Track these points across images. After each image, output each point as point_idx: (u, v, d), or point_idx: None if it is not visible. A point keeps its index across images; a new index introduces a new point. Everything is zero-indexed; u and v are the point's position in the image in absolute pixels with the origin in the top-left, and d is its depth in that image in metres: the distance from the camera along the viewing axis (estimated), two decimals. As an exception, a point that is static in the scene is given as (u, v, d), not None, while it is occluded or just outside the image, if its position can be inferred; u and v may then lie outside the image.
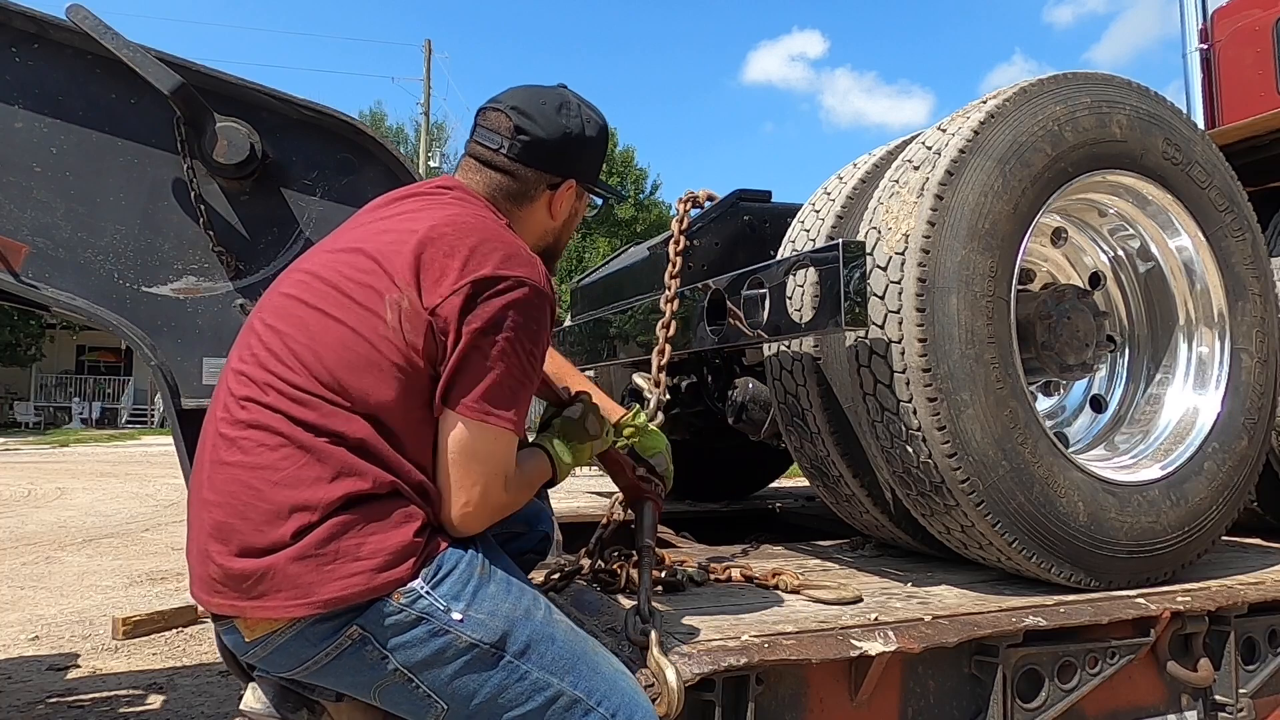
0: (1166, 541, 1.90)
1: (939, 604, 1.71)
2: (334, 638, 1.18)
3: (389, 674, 1.20)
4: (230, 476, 1.21)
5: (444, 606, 1.19)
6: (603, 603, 1.75)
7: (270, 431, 1.20)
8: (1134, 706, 1.78)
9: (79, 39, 1.78)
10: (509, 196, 1.44)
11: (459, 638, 1.19)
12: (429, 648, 1.19)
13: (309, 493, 1.17)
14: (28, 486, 10.78)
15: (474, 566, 1.24)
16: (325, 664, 1.21)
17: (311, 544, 1.16)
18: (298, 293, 1.30)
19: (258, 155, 1.83)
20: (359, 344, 1.22)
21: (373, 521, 1.19)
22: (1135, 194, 2.09)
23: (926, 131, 1.99)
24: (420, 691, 1.20)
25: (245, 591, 1.17)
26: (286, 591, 1.16)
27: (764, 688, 1.43)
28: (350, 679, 1.24)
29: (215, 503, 1.21)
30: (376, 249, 1.28)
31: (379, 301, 1.23)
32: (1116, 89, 1.97)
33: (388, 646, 1.19)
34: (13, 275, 1.77)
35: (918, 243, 1.72)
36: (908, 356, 1.70)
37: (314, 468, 1.18)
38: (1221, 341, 2.10)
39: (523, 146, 1.42)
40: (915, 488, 1.81)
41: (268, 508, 1.18)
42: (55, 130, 1.81)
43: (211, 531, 1.21)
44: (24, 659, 3.81)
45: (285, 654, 1.22)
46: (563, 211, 1.51)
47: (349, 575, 1.16)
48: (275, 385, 1.23)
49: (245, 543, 1.18)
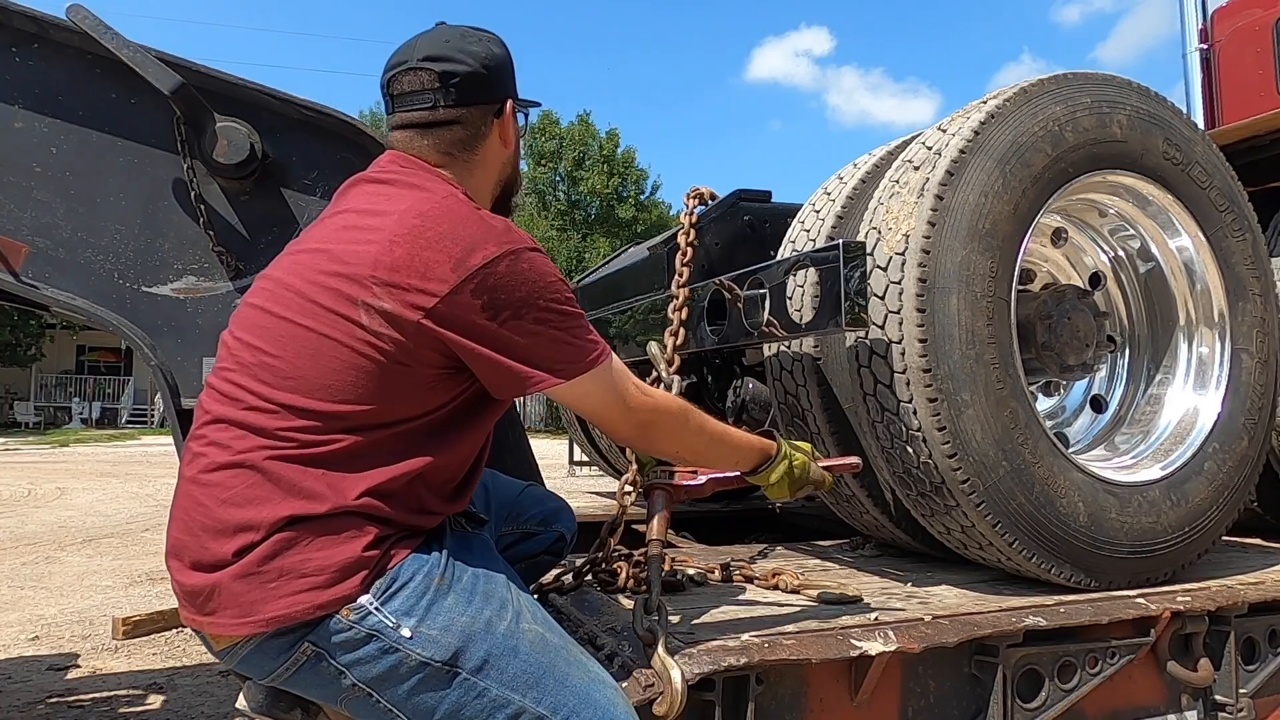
0: (1167, 542, 1.90)
1: (939, 604, 1.71)
2: (289, 653, 1.17)
3: (347, 689, 1.18)
4: (186, 492, 1.21)
5: (393, 623, 1.16)
6: (603, 603, 1.75)
7: (227, 450, 1.19)
8: (1134, 706, 1.78)
9: (79, 39, 1.78)
10: (463, 147, 1.37)
11: (409, 655, 1.16)
12: (381, 665, 1.16)
13: (254, 512, 1.15)
14: (28, 486, 10.79)
15: (431, 578, 1.20)
16: (288, 676, 1.20)
17: (254, 561, 1.14)
18: (263, 302, 1.27)
19: (258, 155, 1.83)
20: (330, 348, 1.19)
21: (320, 537, 1.16)
22: (1135, 194, 2.09)
23: (927, 131, 1.99)
24: (381, 706, 1.18)
25: (199, 608, 1.17)
26: (231, 610, 1.15)
27: (764, 687, 1.43)
28: (315, 691, 1.23)
29: (176, 519, 1.22)
30: (341, 250, 1.23)
31: (350, 306, 1.19)
32: (1117, 89, 1.97)
33: (341, 663, 1.17)
34: (13, 275, 1.76)
35: (918, 243, 1.72)
36: (908, 357, 1.70)
37: (263, 487, 1.16)
38: (1222, 342, 2.10)
39: (458, 90, 1.34)
40: (915, 488, 1.81)
41: (213, 525, 1.17)
42: (55, 130, 1.81)
43: (170, 547, 1.22)
44: (24, 659, 3.81)
45: (250, 666, 1.22)
46: (512, 135, 1.45)
47: (293, 593, 1.14)
48: (241, 399, 1.21)
49: (194, 558, 1.18)
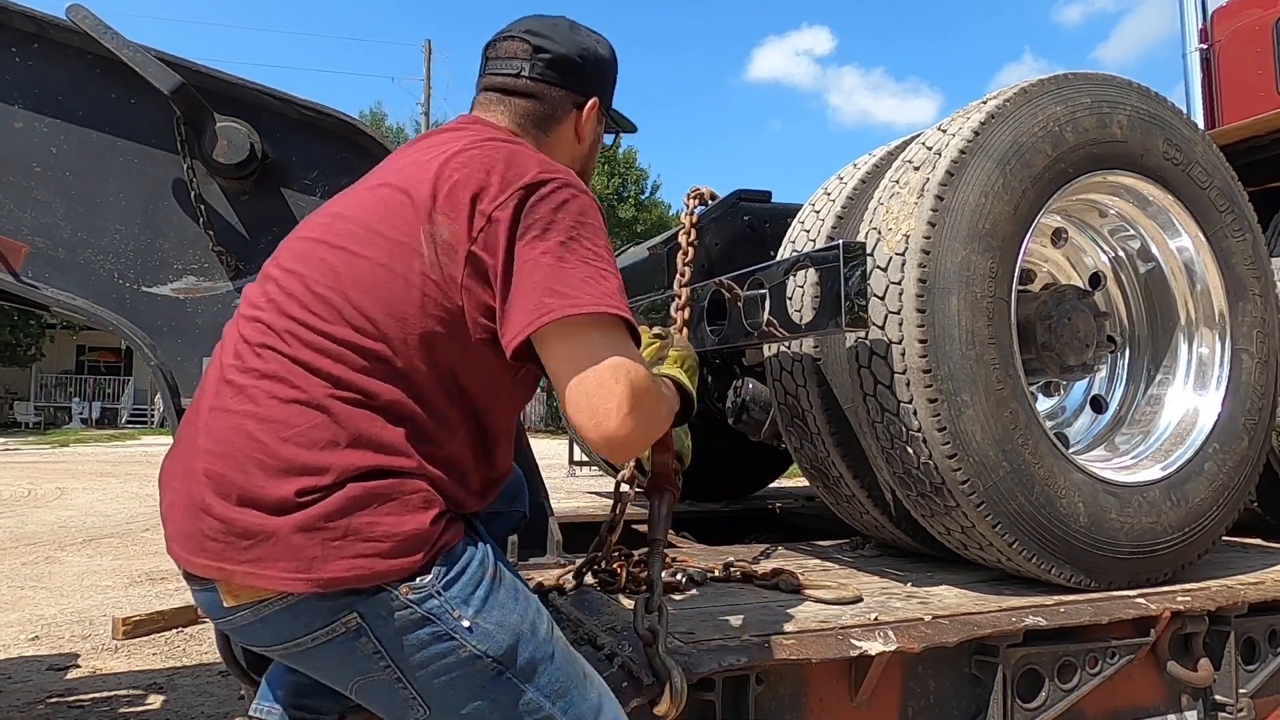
0: (1167, 542, 1.90)
1: (939, 604, 1.71)
2: (327, 622, 1.09)
3: (378, 670, 1.11)
4: (234, 425, 1.10)
5: (454, 611, 1.10)
6: (603, 602, 1.75)
7: (287, 384, 1.10)
8: (1134, 706, 1.78)
9: (79, 39, 1.78)
10: (536, 122, 1.36)
11: (464, 646, 1.10)
12: (429, 651, 1.10)
13: (321, 456, 1.07)
14: (28, 486, 10.79)
15: (486, 568, 1.16)
16: (310, 648, 1.11)
17: (320, 514, 1.06)
18: (319, 235, 1.20)
19: (258, 155, 1.83)
20: (394, 282, 1.12)
21: (390, 501, 1.08)
22: (1136, 194, 2.08)
23: (927, 132, 1.99)
24: (407, 694, 1.12)
25: (241, 551, 1.06)
26: (286, 562, 1.05)
27: (764, 687, 1.43)
28: (333, 668, 1.14)
29: (214, 452, 1.10)
30: (402, 181, 1.18)
31: (414, 234, 1.13)
32: (1117, 89, 1.97)
33: (385, 643, 1.09)
34: (13, 275, 1.77)
35: (918, 243, 1.72)
36: (908, 357, 1.70)
37: (329, 429, 1.08)
38: (1222, 342, 2.10)
39: (545, 64, 1.35)
40: (915, 488, 1.81)
41: (272, 462, 1.07)
42: (55, 130, 1.81)
43: (209, 483, 1.09)
44: (24, 659, 3.81)
45: (268, 628, 1.11)
46: (589, 134, 1.43)
47: (357, 556, 1.06)
48: (297, 333, 1.12)
49: (246, 495, 1.07)
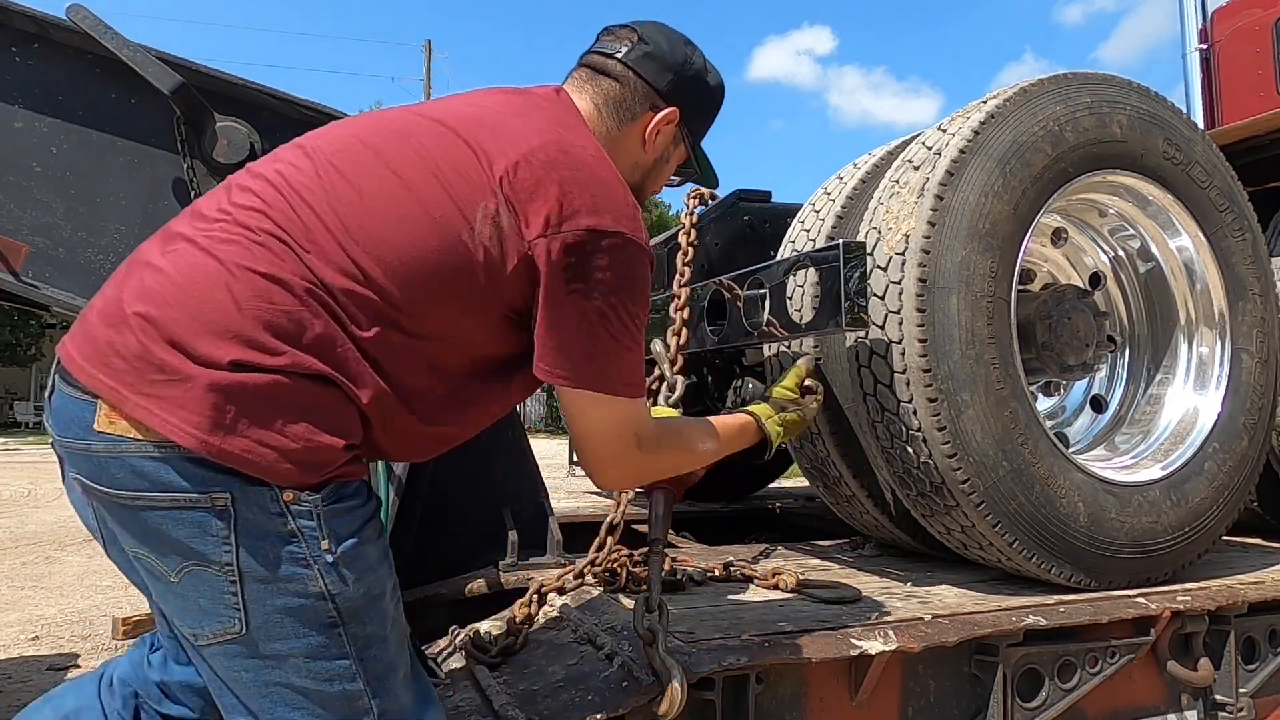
0: (1167, 542, 1.90)
1: (939, 603, 1.71)
2: (196, 489, 1.01)
3: (216, 562, 1.02)
4: (199, 263, 1.04)
5: (324, 541, 1.05)
6: (603, 602, 1.75)
7: (274, 256, 1.04)
8: (1134, 706, 1.78)
9: (79, 39, 1.78)
10: (613, 109, 1.34)
11: (315, 579, 1.04)
12: (280, 570, 1.03)
13: (271, 341, 1.01)
14: (28, 486, 10.78)
15: (369, 518, 1.11)
16: (155, 508, 1.02)
17: (245, 385, 1.00)
18: (377, 142, 1.14)
19: (258, 155, 1.83)
20: (429, 232, 1.08)
21: (318, 413, 1.04)
22: (1135, 194, 2.08)
23: (927, 132, 1.99)
24: (231, 600, 1.03)
25: (147, 384, 1.00)
26: (189, 413, 0.99)
27: (764, 687, 1.43)
28: (166, 539, 1.03)
29: (169, 277, 1.03)
30: (481, 143, 1.14)
31: (471, 202, 1.09)
32: (1117, 89, 1.97)
33: (241, 538, 1.02)
34: (13, 275, 1.77)
35: (918, 243, 1.72)
36: (908, 357, 1.70)
37: (296, 323, 1.03)
38: (1222, 341, 2.10)
39: (640, 54, 1.34)
40: (915, 488, 1.81)
41: (223, 319, 1.01)
42: (55, 130, 1.81)
43: (149, 299, 1.02)
44: (24, 659, 3.81)
45: (124, 469, 1.02)
46: (656, 146, 1.38)
47: (260, 443, 1.01)
48: (306, 221, 1.06)
49: (179, 335, 1.00)
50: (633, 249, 1.15)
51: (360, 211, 1.08)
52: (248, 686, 1.06)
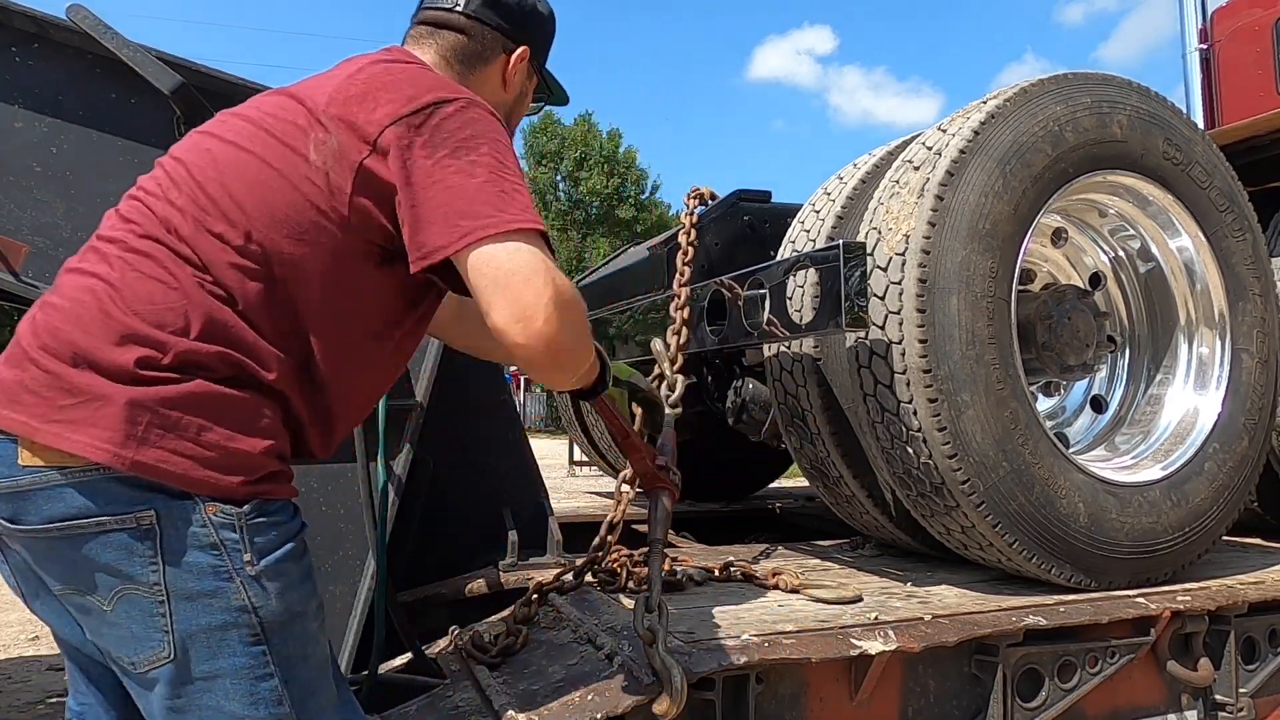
0: (1167, 542, 1.90)
1: (939, 603, 1.71)
2: (121, 510, 1.01)
3: (144, 584, 1.02)
4: (85, 285, 1.06)
5: (246, 554, 1.05)
6: (603, 602, 1.75)
7: (152, 261, 1.06)
8: (1134, 706, 1.78)
9: (79, 39, 1.78)
10: (463, 59, 1.36)
11: (237, 592, 1.04)
12: (201, 584, 1.03)
13: (168, 337, 1.03)
14: (28, 486, 10.76)
15: (293, 536, 1.11)
16: (83, 534, 1.01)
17: (157, 397, 1.01)
18: (211, 129, 1.18)
19: (258, 155, 1.84)
20: (275, 181, 1.10)
21: (232, 414, 1.05)
22: (1136, 194, 2.09)
23: (927, 132, 1.99)
24: (160, 623, 1.03)
25: (56, 410, 1.00)
26: (102, 430, 0.99)
27: (764, 687, 1.43)
28: (95, 566, 1.03)
29: (58, 307, 1.05)
30: (301, 91, 1.18)
31: (301, 138, 1.11)
32: (1117, 89, 1.97)
33: (166, 555, 1.02)
34: (13, 275, 1.77)
35: (918, 243, 1.72)
36: (908, 357, 1.70)
37: (183, 315, 1.04)
38: (1222, 342, 2.10)
39: (479, 3, 1.37)
40: (915, 489, 1.82)
41: (116, 327, 1.02)
42: (55, 130, 1.81)
43: (44, 332, 1.04)
44: (24, 659, 3.81)
45: (51, 500, 1.01)
46: (515, 84, 1.44)
47: (174, 452, 1.01)
48: (169, 217, 1.09)
49: (83, 354, 1.02)
50: (478, 107, 1.15)
51: (216, 189, 1.11)
52: (184, 712, 1.06)
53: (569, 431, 4.25)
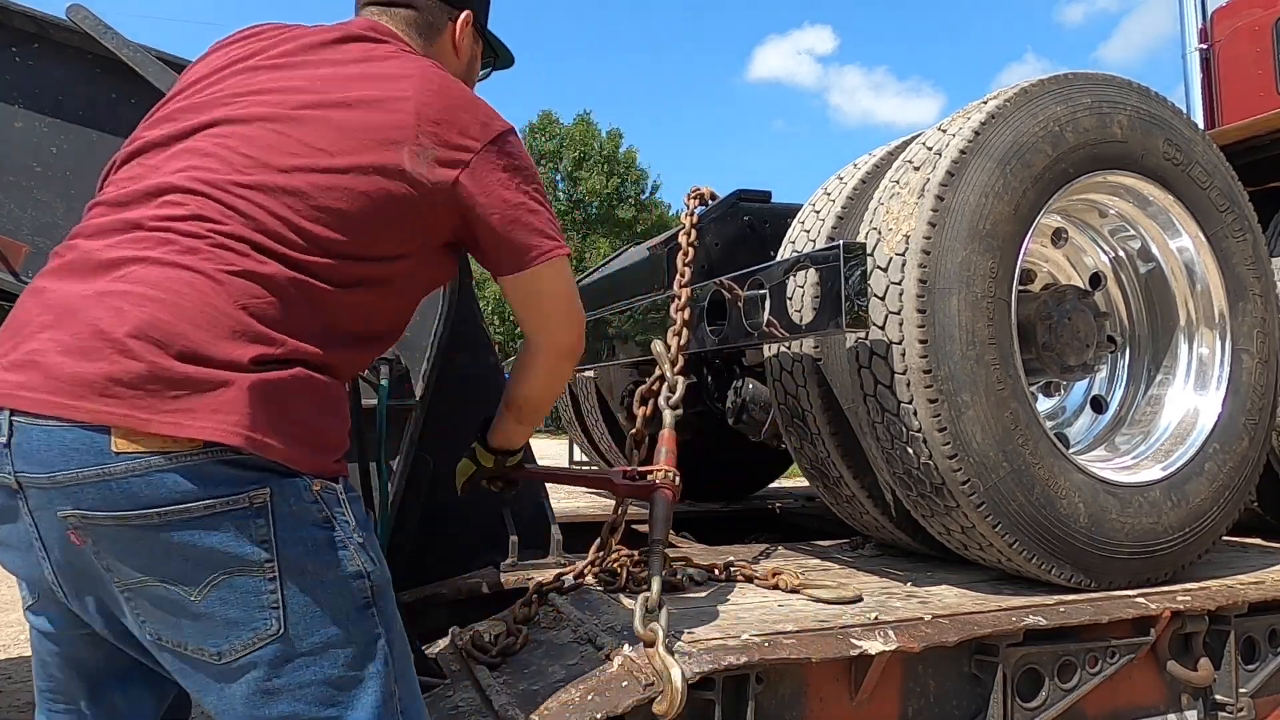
0: (1167, 542, 1.90)
1: (939, 603, 1.71)
2: (233, 491, 1.00)
3: (255, 563, 1.01)
4: (177, 277, 1.03)
5: (351, 524, 1.10)
6: (603, 601, 1.75)
7: (248, 258, 1.07)
8: (1134, 706, 1.78)
9: (79, 39, 1.78)
10: (421, 32, 1.41)
11: (353, 559, 1.08)
12: (319, 558, 1.06)
13: (274, 333, 1.05)
14: (28, 486, 10.76)
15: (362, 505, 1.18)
16: (187, 519, 0.99)
17: (275, 383, 1.03)
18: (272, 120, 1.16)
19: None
20: (368, 183, 1.14)
21: (325, 398, 1.11)
22: (1136, 194, 2.09)
23: (927, 132, 1.99)
24: (269, 599, 1.02)
25: (169, 400, 0.98)
26: (230, 414, 0.99)
27: (764, 686, 1.43)
28: (193, 554, 1.00)
29: (152, 297, 1.01)
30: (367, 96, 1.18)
31: (393, 148, 1.15)
32: (1117, 89, 1.97)
33: (279, 531, 1.02)
34: (13, 275, 1.77)
35: (918, 244, 1.72)
36: (908, 358, 1.70)
37: (282, 309, 1.07)
38: (1222, 342, 2.10)
39: None
40: (916, 489, 1.82)
41: (227, 322, 1.02)
42: (55, 130, 1.81)
43: (141, 323, 0.99)
44: (24, 659, 3.81)
45: (148, 486, 0.98)
46: (465, 49, 1.48)
47: (293, 436, 1.05)
48: (256, 217, 1.09)
49: (191, 347, 1.00)
50: (516, 137, 1.29)
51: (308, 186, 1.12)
52: (277, 694, 1.04)
53: (569, 431, 4.25)
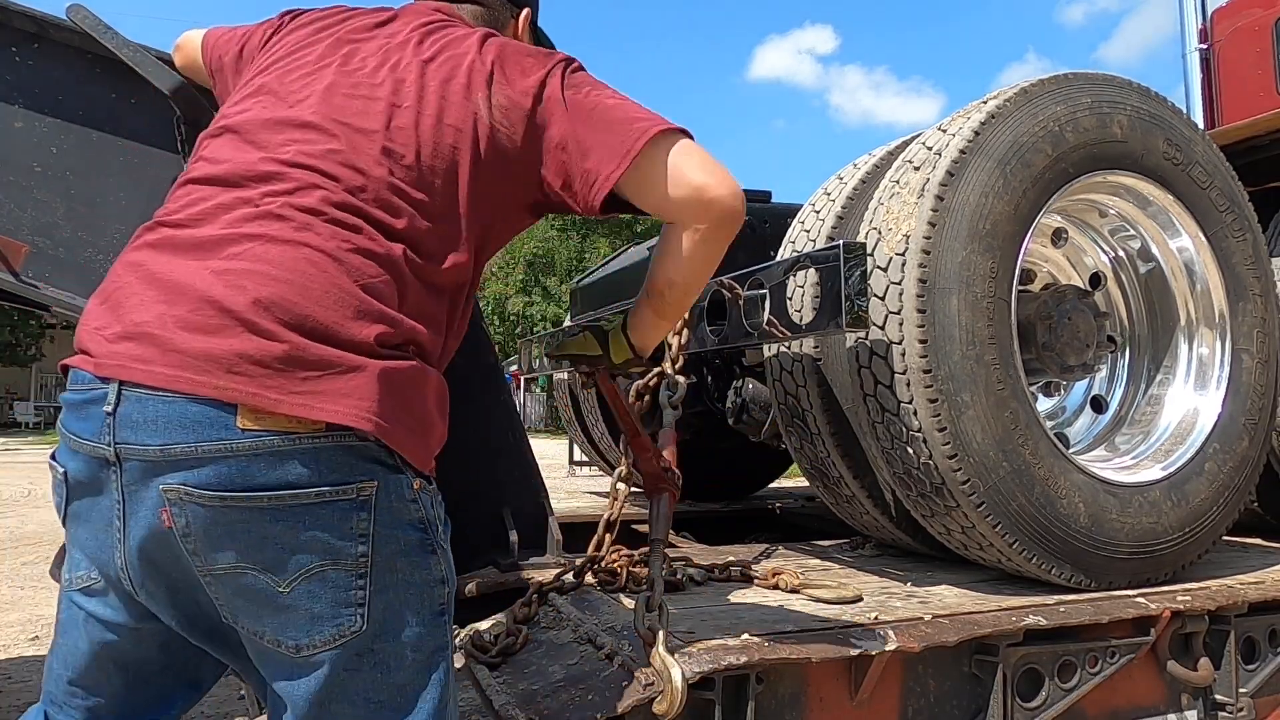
0: (1167, 542, 1.90)
1: (939, 603, 1.71)
2: (344, 480, 0.98)
3: (348, 557, 0.99)
4: (301, 256, 1.01)
5: (439, 528, 1.09)
6: (603, 601, 1.75)
7: (363, 236, 1.06)
8: (1134, 706, 1.78)
9: (79, 39, 1.78)
10: (485, 25, 1.41)
11: (439, 564, 1.07)
12: (411, 556, 1.04)
13: (395, 313, 1.04)
14: (28, 487, 10.78)
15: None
16: (297, 505, 0.97)
17: (400, 372, 1.02)
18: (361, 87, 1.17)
19: (258, 155, 1.83)
20: (454, 136, 1.14)
21: (432, 389, 1.09)
22: (1136, 194, 2.09)
23: (927, 132, 1.99)
24: (357, 596, 1.00)
25: (300, 382, 0.96)
26: (354, 399, 0.98)
27: (764, 687, 1.43)
28: (292, 542, 0.97)
29: (276, 277, 0.99)
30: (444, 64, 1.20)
31: (467, 101, 1.16)
32: (1117, 89, 1.97)
33: (378, 526, 1.00)
34: (13, 275, 1.77)
35: (918, 243, 1.72)
36: (908, 357, 1.70)
37: (402, 292, 1.06)
38: (1222, 342, 2.10)
39: None
40: (916, 489, 1.82)
41: (352, 302, 1.01)
42: (55, 130, 1.81)
43: (268, 302, 0.97)
44: (24, 659, 3.81)
45: (267, 466, 0.96)
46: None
47: (411, 428, 1.03)
48: (367, 188, 1.08)
49: (320, 327, 0.99)
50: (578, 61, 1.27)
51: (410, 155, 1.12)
52: (346, 692, 1.02)
53: (569, 431, 4.25)
